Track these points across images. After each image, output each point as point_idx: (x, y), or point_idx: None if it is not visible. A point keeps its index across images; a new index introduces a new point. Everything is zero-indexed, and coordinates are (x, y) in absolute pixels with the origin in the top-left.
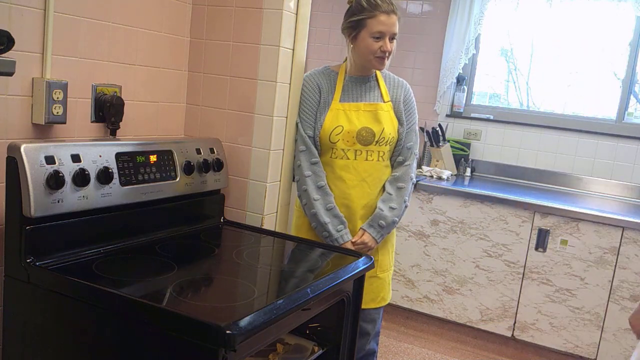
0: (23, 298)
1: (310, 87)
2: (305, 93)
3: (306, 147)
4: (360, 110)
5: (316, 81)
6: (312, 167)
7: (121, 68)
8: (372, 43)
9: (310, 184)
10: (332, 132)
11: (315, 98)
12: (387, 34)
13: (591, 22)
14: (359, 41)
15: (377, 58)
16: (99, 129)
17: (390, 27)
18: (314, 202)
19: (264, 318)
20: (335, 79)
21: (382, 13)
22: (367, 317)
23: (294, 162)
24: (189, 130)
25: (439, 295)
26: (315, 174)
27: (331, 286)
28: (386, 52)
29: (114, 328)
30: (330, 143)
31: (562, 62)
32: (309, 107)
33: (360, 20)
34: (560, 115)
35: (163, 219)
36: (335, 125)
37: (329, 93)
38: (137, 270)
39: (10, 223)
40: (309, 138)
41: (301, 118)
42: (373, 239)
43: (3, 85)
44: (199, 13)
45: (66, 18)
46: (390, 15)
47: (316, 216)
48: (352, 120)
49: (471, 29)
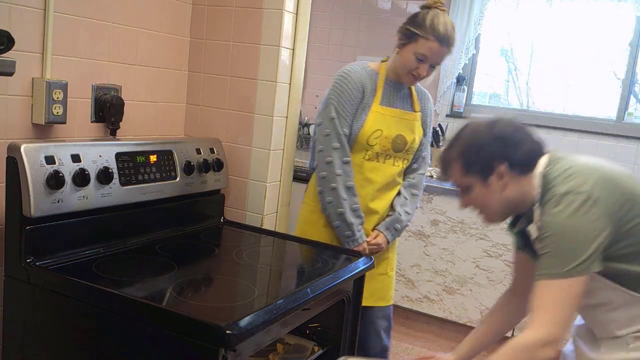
0: (23, 298)
1: (353, 85)
2: (348, 90)
3: (340, 145)
4: (398, 117)
5: (360, 80)
6: (343, 166)
7: (121, 68)
8: (413, 61)
9: (341, 183)
10: (372, 135)
11: (357, 97)
12: (430, 61)
13: (591, 22)
14: (403, 52)
15: (410, 75)
16: (99, 129)
17: (435, 57)
18: (343, 201)
19: (264, 318)
20: (376, 80)
21: (436, 40)
22: (381, 314)
23: (322, 156)
24: (189, 130)
25: (439, 295)
26: (346, 174)
27: (331, 286)
28: (420, 76)
29: (114, 328)
30: (367, 145)
31: (562, 62)
32: (349, 105)
33: (414, 35)
34: (560, 115)
35: (163, 219)
36: (375, 129)
37: (371, 94)
38: (137, 270)
39: (10, 223)
40: (344, 136)
41: (339, 114)
42: (386, 241)
43: (3, 85)
44: (199, 13)
45: (66, 18)
46: (442, 47)
47: (343, 215)
48: (390, 125)
49: (471, 29)
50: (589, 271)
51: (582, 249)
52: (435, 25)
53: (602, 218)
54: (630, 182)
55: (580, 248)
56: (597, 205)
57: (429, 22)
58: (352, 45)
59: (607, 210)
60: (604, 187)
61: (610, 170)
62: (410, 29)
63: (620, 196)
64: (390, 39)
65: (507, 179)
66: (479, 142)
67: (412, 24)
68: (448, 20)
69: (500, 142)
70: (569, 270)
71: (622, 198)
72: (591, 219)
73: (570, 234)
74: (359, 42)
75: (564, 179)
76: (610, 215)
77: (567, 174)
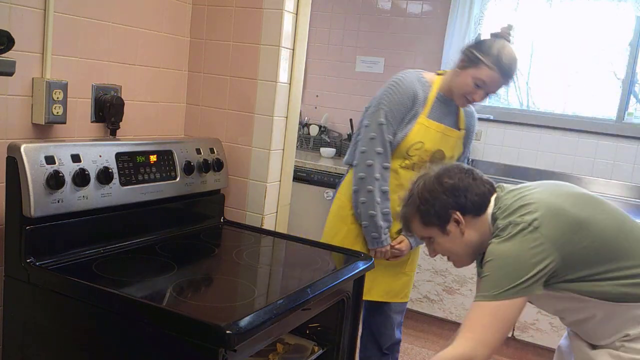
0: (23, 298)
1: (406, 93)
2: (399, 97)
3: (383, 151)
4: (442, 133)
5: (413, 89)
6: (383, 171)
7: (121, 68)
8: (470, 85)
9: (377, 187)
10: (413, 146)
11: (408, 105)
12: (487, 89)
13: (591, 22)
14: (463, 74)
15: (464, 98)
16: (99, 129)
17: (493, 86)
18: (376, 205)
19: (264, 318)
20: (428, 92)
21: (498, 71)
22: (398, 309)
23: (364, 157)
24: (189, 130)
25: (439, 295)
26: (383, 178)
27: (331, 286)
28: (474, 101)
29: (114, 328)
30: (407, 155)
31: (562, 62)
32: (399, 112)
33: (478, 60)
34: (560, 115)
35: (163, 219)
36: (417, 140)
37: (421, 105)
38: (137, 270)
39: (10, 223)
40: (389, 142)
41: (388, 121)
42: (409, 246)
43: (3, 85)
44: (199, 13)
45: (66, 18)
46: (502, 79)
47: (374, 218)
48: (432, 139)
49: (471, 29)
50: (524, 295)
51: (518, 274)
52: (501, 56)
53: (544, 245)
54: (580, 209)
55: (516, 273)
56: (536, 232)
57: (496, 52)
58: (352, 45)
59: (549, 237)
60: (545, 216)
61: (557, 199)
62: (475, 53)
63: (566, 224)
64: (390, 39)
65: (463, 225)
66: (431, 196)
67: (478, 49)
68: (514, 54)
69: (450, 193)
70: (501, 293)
71: (568, 226)
72: (529, 245)
73: (507, 259)
74: (359, 42)
75: (508, 213)
76: (554, 242)
77: (511, 209)
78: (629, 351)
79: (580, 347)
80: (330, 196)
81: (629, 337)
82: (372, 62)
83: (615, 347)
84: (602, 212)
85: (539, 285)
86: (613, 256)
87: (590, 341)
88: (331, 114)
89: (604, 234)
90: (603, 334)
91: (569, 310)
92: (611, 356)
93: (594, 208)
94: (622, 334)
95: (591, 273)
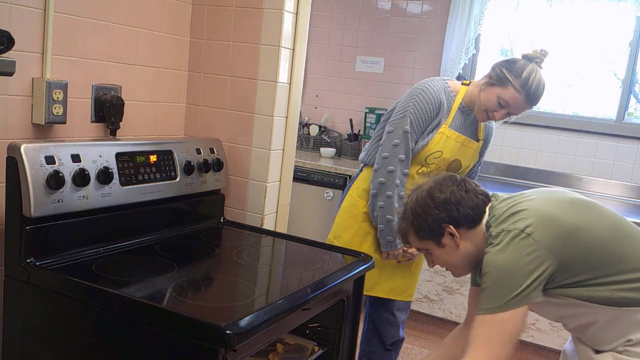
0: (23, 298)
1: (432, 102)
2: (425, 105)
3: (405, 158)
4: (462, 144)
5: (439, 98)
6: (402, 177)
7: (121, 68)
8: (494, 103)
9: (395, 192)
10: (431, 155)
11: (432, 114)
12: (509, 110)
13: (591, 22)
14: (489, 90)
15: (485, 114)
16: (99, 129)
17: (516, 108)
18: (394, 210)
19: (264, 318)
20: (452, 102)
21: (524, 96)
22: (403, 307)
23: (385, 162)
24: (189, 130)
25: (439, 295)
26: (402, 185)
27: (331, 286)
28: (494, 119)
29: (114, 328)
30: (425, 162)
31: (562, 62)
32: (424, 122)
33: (506, 80)
34: (560, 115)
35: (163, 219)
36: (436, 150)
37: (446, 113)
38: (137, 270)
39: (10, 223)
40: (411, 150)
41: (412, 129)
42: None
43: (3, 85)
44: (199, 13)
45: (66, 18)
46: (527, 103)
47: (391, 223)
48: (451, 149)
49: (471, 29)
50: (526, 303)
51: (516, 283)
52: (530, 81)
53: (539, 250)
54: (573, 216)
55: (514, 282)
56: (530, 239)
57: (525, 75)
58: (352, 45)
59: (543, 244)
60: (538, 223)
61: (549, 206)
62: (505, 73)
63: (559, 231)
64: (390, 39)
65: (458, 237)
66: (423, 211)
67: (508, 69)
68: (542, 79)
69: (442, 207)
70: (504, 305)
71: (561, 232)
72: (524, 252)
73: (504, 270)
74: (359, 42)
75: (500, 221)
76: (549, 248)
77: (503, 217)
78: (633, 355)
79: (584, 352)
80: (330, 196)
81: (631, 342)
82: (372, 62)
83: (618, 351)
84: (597, 218)
85: (539, 291)
86: (609, 261)
87: (594, 346)
88: (331, 114)
89: (599, 240)
90: (606, 339)
91: (571, 317)
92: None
93: (589, 214)
94: (625, 339)
95: (588, 277)
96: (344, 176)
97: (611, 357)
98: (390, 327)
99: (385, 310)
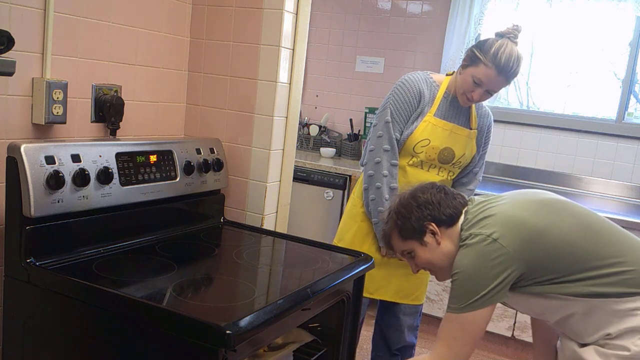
0: (23, 298)
1: (411, 92)
2: (404, 95)
3: (390, 148)
4: (450, 131)
5: (418, 87)
6: (390, 168)
7: (121, 68)
8: (470, 83)
9: (385, 184)
10: (419, 144)
11: (413, 104)
12: (486, 87)
13: (591, 22)
14: (464, 73)
15: (464, 96)
16: (99, 129)
17: (491, 84)
18: (385, 201)
19: (264, 318)
20: (436, 91)
21: (495, 69)
22: (408, 311)
23: (372, 155)
24: (189, 130)
25: (439, 295)
26: (392, 175)
27: (331, 286)
28: (473, 99)
29: (114, 328)
30: (413, 152)
31: (562, 62)
32: (404, 111)
33: (477, 59)
34: (560, 115)
35: (163, 219)
36: (423, 138)
37: (427, 103)
38: (137, 270)
39: (10, 223)
40: (396, 140)
41: (393, 119)
42: None
43: (3, 85)
44: (199, 13)
45: (66, 18)
46: (500, 76)
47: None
48: (439, 137)
49: (471, 29)
50: (490, 304)
51: (481, 286)
52: (499, 55)
53: (505, 255)
54: (541, 217)
55: (479, 285)
56: (496, 243)
57: (494, 50)
58: (352, 45)
59: (510, 247)
60: (504, 228)
61: (517, 210)
62: (475, 52)
63: (525, 234)
64: (390, 39)
65: (439, 235)
66: (406, 211)
67: (478, 48)
68: (514, 52)
69: (424, 206)
70: (468, 305)
71: (528, 235)
72: (490, 257)
73: (470, 273)
74: (359, 42)
75: (470, 225)
76: (516, 251)
77: (473, 221)
78: (613, 347)
79: (569, 346)
80: (330, 196)
81: (610, 336)
82: (372, 62)
83: (600, 344)
84: (567, 217)
85: (504, 293)
86: (579, 259)
87: (577, 339)
88: (331, 114)
89: (569, 238)
90: (587, 330)
91: (550, 312)
92: (597, 353)
93: (559, 213)
94: (605, 332)
95: (558, 275)
96: (344, 176)
97: (593, 350)
98: (394, 331)
99: (389, 314)
